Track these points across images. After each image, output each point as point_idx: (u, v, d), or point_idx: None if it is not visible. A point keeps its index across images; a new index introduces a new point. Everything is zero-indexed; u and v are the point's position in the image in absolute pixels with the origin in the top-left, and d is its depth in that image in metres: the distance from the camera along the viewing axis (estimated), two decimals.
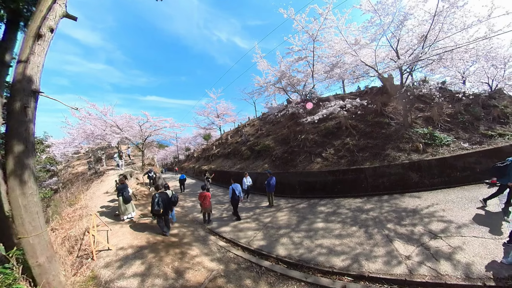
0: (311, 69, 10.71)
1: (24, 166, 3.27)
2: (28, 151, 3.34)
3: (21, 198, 3.28)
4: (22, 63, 3.45)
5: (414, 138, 9.57)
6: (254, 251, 5.25)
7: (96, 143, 16.85)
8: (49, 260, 3.79)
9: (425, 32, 9.45)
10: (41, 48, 3.74)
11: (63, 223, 7.52)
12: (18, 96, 3.28)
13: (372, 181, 8.41)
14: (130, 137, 14.47)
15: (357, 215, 6.30)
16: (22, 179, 3.26)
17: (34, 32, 3.66)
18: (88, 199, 9.46)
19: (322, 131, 11.62)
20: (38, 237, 3.62)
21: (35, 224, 3.56)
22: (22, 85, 3.36)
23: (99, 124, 13.73)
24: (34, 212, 3.53)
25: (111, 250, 5.24)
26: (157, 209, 5.69)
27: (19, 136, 3.23)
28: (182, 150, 34.88)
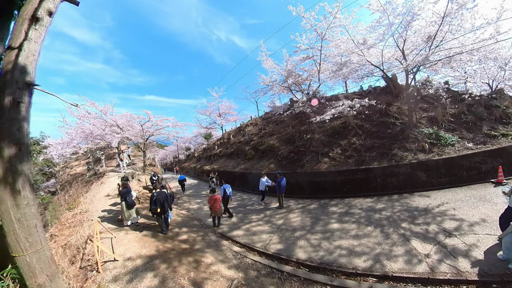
0: (317, 68, 10.27)
1: (17, 173, 2.65)
2: (22, 154, 2.72)
3: (13, 210, 2.66)
4: (14, 50, 2.81)
5: (419, 138, 9.34)
6: (273, 255, 4.87)
7: (95, 143, 15.92)
8: (51, 278, 3.17)
9: (432, 33, 9.18)
10: (37, 34, 3.10)
11: (62, 229, 6.84)
12: (9, 89, 2.65)
13: (381, 180, 8.17)
14: (131, 137, 13.66)
15: (370, 215, 6.12)
16: (15, 188, 2.64)
17: (29, 15, 3.02)
18: (89, 203, 8.72)
19: (328, 131, 11.22)
20: (37, 254, 3.00)
21: (33, 239, 2.93)
22: (14, 76, 2.72)
23: (98, 124, 12.88)
24: (31, 225, 2.90)
25: (117, 261, 4.62)
26: (154, 208, 5.65)
27: (10, 137, 2.60)
28: (182, 150, 33.93)
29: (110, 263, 4.61)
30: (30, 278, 2.95)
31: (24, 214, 2.78)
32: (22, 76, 2.84)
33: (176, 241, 5.65)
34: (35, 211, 2.94)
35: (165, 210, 5.94)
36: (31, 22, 3.02)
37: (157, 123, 14.08)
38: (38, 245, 3.01)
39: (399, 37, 9.57)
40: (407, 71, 9.98)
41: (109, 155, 18.83)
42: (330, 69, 10.81)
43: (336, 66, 10.10)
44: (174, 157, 38.90)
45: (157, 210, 5.67)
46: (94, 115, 12.48)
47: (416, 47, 9.89)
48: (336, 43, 9.81)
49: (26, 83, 2.87)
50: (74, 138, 15.06)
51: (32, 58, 3.02)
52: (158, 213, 5.75)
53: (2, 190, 2.56)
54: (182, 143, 31.61)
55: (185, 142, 31.26)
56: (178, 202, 10.59)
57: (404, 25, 9.01)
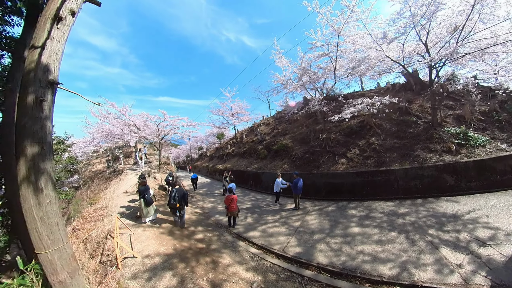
0: (333, 65, 9.79)
1: (39, 171, 2.62)
2: (45, 153, 2.69)
3: (36, 209, 2.63)
4: (37, 49, 2.79)
5: (445, 138, 8.60)
6: (292, 259, 4.66)
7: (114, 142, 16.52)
8: (71, 275, 3.14)
9: (459, 24, 8.36)
10: (60, 33, 3.07)
11: (84, 223, 7.05)
12: (32, 88, 2.62)
13: (403, 183, 7.59)
14: (147, 136, 13.97)
15: (393, 220, 5.72)
16: (37, 186, 2.61)
17: (53, 14, 2.99)
18: (108, 199, 8.98)
19: (344, 130, 10.69)
20: (59, 251, 2.98)
21: (55, 237, 2.91)
22: (37, 75, 2.69)
23: (117, 124, 13.32)
24: (53, 223, 2.88)
25: (136, 257, 4.61)
26: (173, 203, 5.93)
27: (33, 135, 2.57)
28: (195, 149, 34.43)
29: (129, 260, 4.60)
30: (51, 275, 2.93)
31: (46, 212, 2.75)
32: (45, 75, 2.82)
33: (192, 240, 5.58)
34: (56, 209, 2.91)
35: (182, 207, 6.19)
36: (53, 21, 2.99)
37: (172, 122, 14.28)
38: (59, 243, 2.99)
39: (422, 29, 8.83)
40: (431, 66, 9.21)
41: (126, 154, 19.48)
42: (346, 66, 10.27)
43: (354, 63, 9.55)
44: (187, 156, 39.61)
45: (175, 205, 5.95)
46: (113, 115, 12.93)
47: (441, 39, 9.07)
48: (353, 39, 9.26)
49: (49, 82, 2.84)
50: (96, 137, 15.75)
51: (55, 57, 2.99)
52: (176, 208, 6.03)
53: (25, 188, 2.54)
54: (195, 142, 32.07)
55: (198, 141, 31.68)
56: (192, 200, 10.61)
57: (428, 16, 8.28)
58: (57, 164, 7.56)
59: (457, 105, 10.67)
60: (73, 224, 7.37)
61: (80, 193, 12.20)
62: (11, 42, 5.14)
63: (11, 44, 5.10)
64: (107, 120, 13.18)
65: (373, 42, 8.85)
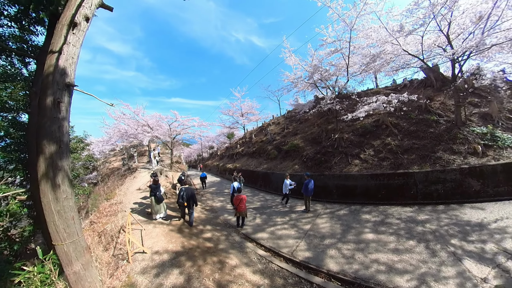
0: (345, 61, 9.46)
1: (57, 168, 2.81)
2: (62, 151, 2.88)
3: (53, 203, 2.83)
4: (55, 54, 2.99)
5: (470, 138, 7.98)
6: (300, 263, 4.55)
7: (129, 142, 17.36)
8: (85, 267, 3.35)
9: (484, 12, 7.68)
10: (76, 38, 3.27)
11: (100, 217, 7.47)
12: (50, 90, 2.81)
13: (422, 187, 7.13)
14: (160, 136, 14.50)
15: (411, 227, 5.37)
16: (55, 182, 2.80)
17: (68, 21, 3.19)
18: (123, 195, 9.44)
19: (358, 130, 10.32)
20: (74, 244, 3.18)
21: (70, 230, 3.11)
22: (55, 78, 2.89)
23: (132, 124, 13.97)
24: (69, 217, 3.08)
25: (146, 253, 4.80)
26: (181, 201, 6.10)
27: (51, 135, 2.77)
28: (206, 148, 35.15)
29: (139, 255, 4.80)
30: (67, 266, 3.14)
31: (63, 207, 2.95)
32: (62, 78, 3.01)
33: (200, 239, 5.69)
34: (72, 204, 3.11)
35: (190, 206, 6.31)
36: (69, 27, 3.19)
37: (183, 122, 14.70)
38: (74, 236, 3.19)
39: (443, 19, 8.19)
40: (454, 60, 8.55)
41: (140, 152, 20.33)
42: (359, 62, 9.88)
43: (368, 58, 9.15)
44: (198, 155, 40.54)
45: (184, 204, 6.14)
46: (128, 115, 13.60)
47: (464, 30, 8.35)
48: (366, 33, 8.83)
49: (66, 84, 3.04)
50: (112, 137, 16.66)
51: (71, 61, 3.19)
52: (184, 206, 6.25)
53: (44, 184, 2.73)
54: (205, 142, 32.72)
55: (209, 141, 32.29)
56: (201, 199, 10.83)
57: (449, 5, 7.68)
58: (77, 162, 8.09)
59: (483, 102, 9.87)
60: (91, 217, 7.86)
61: (98, 188, 12.96)
62: (36, 49, 5.58)
63: (36, 51, 5.54)
64: (122, 120, 13.89)
65: (389, 35, 8.39)
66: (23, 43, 5.58)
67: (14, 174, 6.00)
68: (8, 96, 5.23)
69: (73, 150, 7.01)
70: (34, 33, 5.62)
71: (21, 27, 5.44)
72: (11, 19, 5.35)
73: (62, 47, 3.03)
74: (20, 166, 5.61)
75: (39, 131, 2.74)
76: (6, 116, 5.73)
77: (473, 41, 7.40)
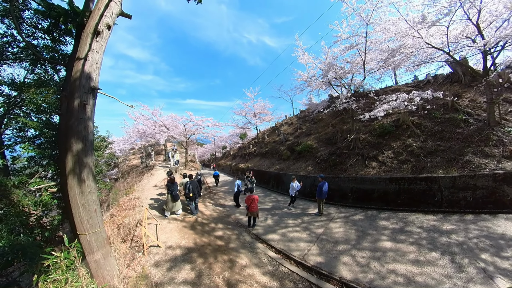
0: (362, 58, 9.10)
1: (82, 165, 3.11)
2: (87, 149, 3.18)
3: (79, 196, 3.13)
4: (81, 60, 3.31)
5: (506, 140, 7.26)
6: (312, 268, 4.47)
7: (147, 141, 18.38)
8: (105, 256, 3.66)
9: None
10: (99, 45, 3.58)
11: (120, 210, 8.02)
12: (77, 93, 3.13)
13: (448, 194, 6.55)
14: (176, 136, 15.17)
15: (434, 237, 4.96)
16: (81, 177, 3.10)
17: (92, 29, 3.51)
18: (140, 191, 10.03)
19: (375, 130, 9.88)
20: (96, 235, 3.49)
21: (93, 222, 3.42)
22: (81, 82, 3.21)
23: (150, 124, 14.81)
24: (92, 210, 3.38)
25: (160, 247, 5.10)
26: (188, 192, 7.09)
27: (78, 134, 3.08)
28: (219, 148, 35.92)
29: (153, 248, 5.10)
30: (89, 254, 3.45)
31: (87, 200, 3.25)
32: (87, 82, 3.33)
33: (212, 237, 5.89)
34: (96, 198, 3.42)
35: (195, 196, 7.34)
36: (93, 35, 3.50)
37: (197, 123, 15.24)
38: (96, 227, 3.49)
39: (471, 7, 7.45)
40: (485, 51, 7.77)
41: (157, 151, 21.37)
42: (377, 58, 9.43)
43: (386, 54, 8.71)
44: (211, 155, 41.57)
45: (189, 195, 7.09)
46: (146, 116, 14.47)
47: (496, 18, 7.49)
48: (384, 26, 8.38)
49: (91, 88, 3.35)
50: (132, 136, 17.81)
51: (96, 66, 3.50)
52: (190, 197, 7.17)
53: (71, 179, 3.05)
54: (219, 141, 33.46)
55: (222, 141, 32.96)
56: (214, 197, 11.10)
57: None
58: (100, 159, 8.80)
59: None
60: (111, 210, 8.47)
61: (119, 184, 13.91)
62: (65, 57, 6.20)
63: (65, 59, 6.15)
64: (141, 121, 14.81)
65: (409, 28, 7.89)
66: (55, 52, 6.24)
67: (47, 169, 6.70)
68: (43, 100, 5.86)
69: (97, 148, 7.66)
70: (63, 43, 6.25)
71: (53, 38, 6.08)
72: (44, 31, 6.01)
73: (87, 54, 3.34)
74: (51, 162, 6.25)
75: (68, 130, 3.07)
76: (41, 118, 6.42)
77: (509, 29, 6.71)
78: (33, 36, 6.14)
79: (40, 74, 6.49)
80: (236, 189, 8.94)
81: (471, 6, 7.41)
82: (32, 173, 6.80)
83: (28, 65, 6.52)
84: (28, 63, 6.47)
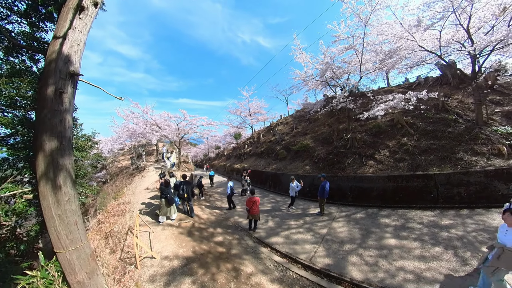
0: (358, 58, 8.92)
1: (58, 168, 2.42)
2: (64, 148, 2.50)
3: (54, 207, 2.45)
4: (59, 39, 2.62)
5: (494, 139, 7.36)
6: (321, 271, 4.13)
7: (138, 141, 17.18)
8: (90, 275, 2.96)
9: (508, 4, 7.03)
10: (82, 24, 2.89)
11: (108, 217, 7.15)
12: (52, 79, 2.44)
13: (444, 190, 6.55)
14: (168, 135, 14.21)
15: (435, 233, 4.92)
16: (56, 183, 2.42)
17: (75, 4, 2.81)
18: (131, 194, 9.14)
19: (371, 130, 9.74)
20: (77, 251, 2.79)
21: (73, 236, 2.73)
22: (58, 66, 2.51)
23: (140, 123, 13.74)
24: (71, 222, 2.69)
25: (155, 258, 4.42)
26: (182, 193, 6.69)
27: (52, 129, 2.39)
28: (212, 148, 34.90)
29: (148, 260, 4.43)
30: (70, 275, 2.76)
31: (65, 211, 2.56)
32: (65, 66, 2.64)
33: (212, 243, 5.28)
34: (75, 207, 2.73)
35: (189, 197, 6.94)
36: (76, 11, 2.81)
37: (191, 122, 14.37)
38: (78, 243, 2.80)
39: (462, 12, 7.57)
40: (475, 55, 7.89)
41: (149, 152, 20.16)
42: (373, 59, 9.32)
43: (382, 55, 8.59)
44: (204, 155, 40.35)
45: (184, 195, 6.71)
46: (137, 114, 13.38)
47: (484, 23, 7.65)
48: (381, 29, 8.28)
49: (70, 73, 2.66)
50: (121, 136, 16.53)
51: (77, 48, 2.81)
52: (184, 197, 6.80)
53: (44, 185, 2.36)
54: (212, 142, 32.46)
55: (215, 141, 32.01)
56: (210, 200, 10.45)
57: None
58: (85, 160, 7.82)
59: (505, 100, 9.17)
60: (98, 216, 7.55)
61: (107, 187, 12.77)
62: (45, 45, 5.31)
63: (44, 48, 5.26)
64: (131, 119, 13.69)
65: (404, 31, 7.84)
66: (34, 40, 5.33)
67: (23, 172, 5.73)
68: (17, 92, 4.95)
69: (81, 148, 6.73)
70: (44, 29, 5.36)
71: (31, 24, 5.18)
72: (21, 15, 5.09)
73: (67, 32, 2.66)
74: (27, 164, 5.33)
75: (39, 125, 2.36)
76: (16, 114, 5.46)
77: (496, 35, 6.76)
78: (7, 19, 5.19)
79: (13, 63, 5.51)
80: (229, 191, 8.38)
81: (462, 12, 7.47)
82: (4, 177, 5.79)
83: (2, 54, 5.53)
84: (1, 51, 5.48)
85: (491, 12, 7.49)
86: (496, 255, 2.72)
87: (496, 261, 2.70)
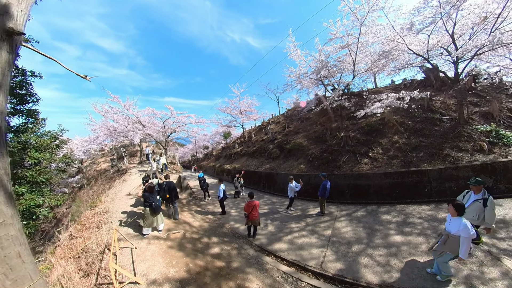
0: (352, 58, 8.71)
1: None
2: None
3: None
4: None
5: (475, 136, 7.61)
6: (334, 278, 3.66)
7: (119, 141, 15.36)
8: None
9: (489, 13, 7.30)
10: None
11: (82, 230, 5.91)
12: None
13: (437, 185, 6.57)
14: (153, 134, 12.76)
15: (436, 226, 4.87)
16: None
17: None
18: (110, 201, 7.80)
19: (363, 128, 9.59)
20: None
21: (17, 274, 1.79)
22: None
23: (121, 120, 12.12)
24: (12, 255, 1.75)
25: (140, 284, 3.44)
26: (164, 194, 6.13)
27: None
28: (200, 148, 33.21)
29: (131, 286, 3.45)
30: None
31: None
32: (1, 19, 1.69)
33: (208, 256, 4.41)
34: (16, 233, 1.77)
35: (173, 199, 6.36)
36: None
37: (179, 119, 13.05)
38: (26, 281, 1.84)
39: (448, 19, 7.75)
40: (457, 60, 8.13)
41: (131, 153, 18.31)
42: (366, 59, 9.19)
43: (376, 55, 8.47)
44: (192, 156, 38.31)
45: (166, 196, 6.16)
46: (117, 109, 11.72)
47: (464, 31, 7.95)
48: (376, 30, 8.20)
49: (7, 31, 1.72)
50: (100, 135, 14.59)
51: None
52: (167, 199, 6.25)
53: None
54: (200, 141, 30.83)
55: (204, 140, 30.45)
56: (201, 204, 9.46)
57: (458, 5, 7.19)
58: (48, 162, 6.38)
59: (482, 102, 9.62)
60: (70, 230, 6.23)
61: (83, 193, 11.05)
62: None
63: None
64: (110, 116, 11.98)
65: (396, 34, 7.81)
66: None
67: None
68: None
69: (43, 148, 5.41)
70: None
71: None
72: None
73: None
74: None
75: None
76: None
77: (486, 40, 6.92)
78: None
79: None
80: (221, 195, 7.49)
81: (449, 19, 7.60)
82: None
83: None
84: None
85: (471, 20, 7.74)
86: (443, 240, 3.03)
87: (442, 246, 3.02)
